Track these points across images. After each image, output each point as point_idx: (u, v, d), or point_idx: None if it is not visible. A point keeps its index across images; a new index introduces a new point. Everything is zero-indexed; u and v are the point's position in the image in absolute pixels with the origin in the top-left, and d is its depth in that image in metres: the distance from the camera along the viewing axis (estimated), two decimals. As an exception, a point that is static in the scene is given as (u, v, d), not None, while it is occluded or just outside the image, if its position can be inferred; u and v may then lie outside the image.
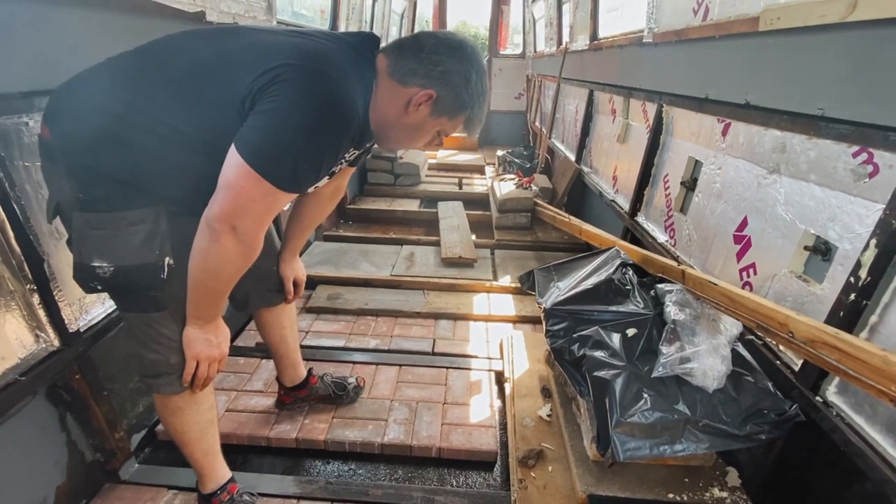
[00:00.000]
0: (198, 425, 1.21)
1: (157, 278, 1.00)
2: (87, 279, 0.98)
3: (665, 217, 2.15)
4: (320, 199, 1.45)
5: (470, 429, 1.71)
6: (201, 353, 1.08)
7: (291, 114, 0.85)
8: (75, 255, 0.98)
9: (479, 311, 2.48)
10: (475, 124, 1.07)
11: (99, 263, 0.95)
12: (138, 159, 0.94)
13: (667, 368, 1.13)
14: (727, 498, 1.28)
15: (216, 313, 1.10)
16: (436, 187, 4.67)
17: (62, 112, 0.94)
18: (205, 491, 1.29)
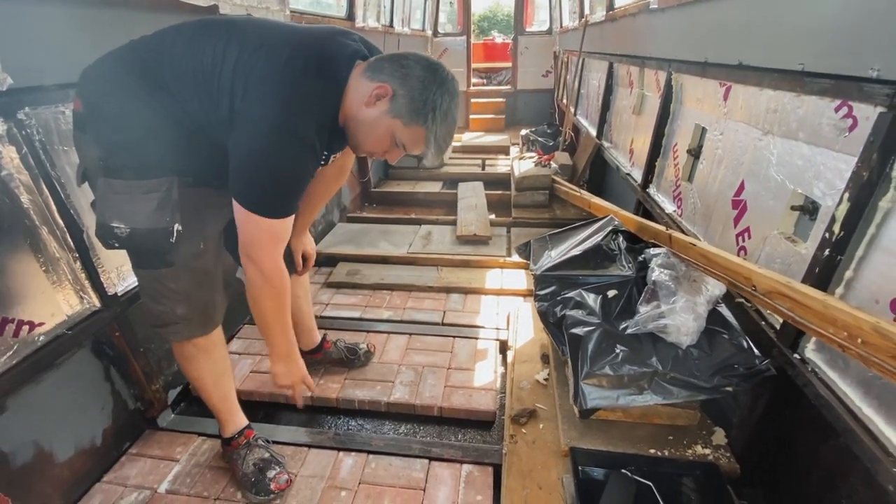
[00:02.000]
0: (211, 373, 1.38)
1: (167, 241, 1.12)
2: (107, 237, 1.11)
3: (674, 187, 2.13)
4: (326, 179, 1.53)
5: (471, 391, 1.81)
6: (285, 383, 1.35)
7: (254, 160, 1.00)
8: (98, 215, 1.11)
9: (490, 286, 2.55)
10: (433, 146, 1.05)
11: (117, 224, 1.08)
12: (153, 134, 1.07)
13: (640, 325, 1.17)
14: (710, 454, 1.31)
15: (287, 349, 1.32)
16: (459, 169, 4.73)
17: (90, 87, 1.08)
18: (225, 435, 1.46)
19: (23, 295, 1.23)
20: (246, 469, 1.41)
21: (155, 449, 1.58)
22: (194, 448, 1.58)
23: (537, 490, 1.31)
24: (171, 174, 1.12)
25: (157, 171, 1.10)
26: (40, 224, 1.27)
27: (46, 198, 1.26)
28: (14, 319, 1.21)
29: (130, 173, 1.07)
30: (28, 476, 1.27)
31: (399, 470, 1.48)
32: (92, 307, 1.41)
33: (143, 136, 1.07)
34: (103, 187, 1.08)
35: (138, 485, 1.44)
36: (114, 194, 1.08)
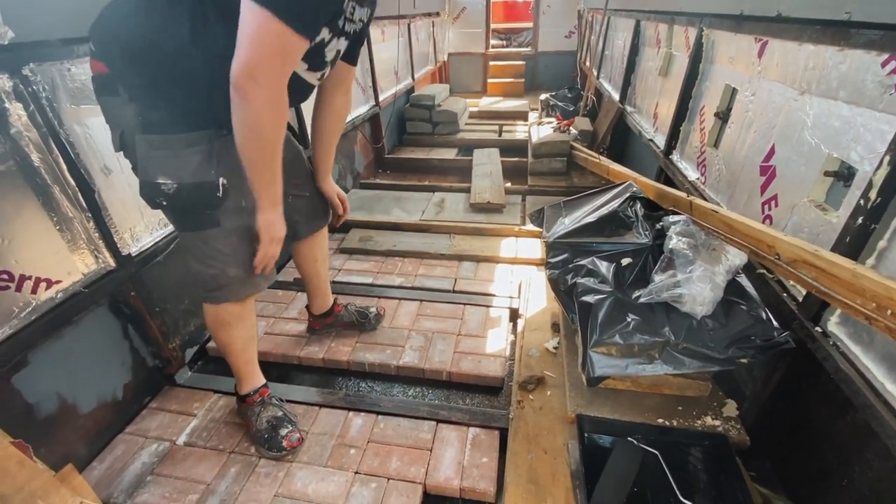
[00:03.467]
0: (242, 339, 1.39)
1: (214, 196, 1.10)
2: (154, 195, 1.09)
3: (698, 153, 2.02)
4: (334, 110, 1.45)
5: (480, 357, 1.81)
6: (276, 235, 1.19)
7: None
8: (141, 174, 1.09)
9: (503, 255, 2.52)
10: None
11: (163, 181, 1.06)
12: (189, 85, 1.02)
13: (653, 294, 1.14)
14: (719, 426, 1.29)
15: (278, 190, 1.14)
16: (475, 135, 4.61)
17: (113, 44, 1.02)
18: (241, 392, 1.50)
19: (39, 253, 1.26)
20: (259, 426, 1.45)
21: (173, 404, 1.64)
22: (210, 404, 1.63)
23: (542, 454, 1.32)
24: (211, 126, 1.08)
25: (197, 124, 1.07)
26: (52, 183, 1.27)
27: (56, 157, 1.26)
28: (32, 277, 1.24)
29: (171, 128, 1.05)
30: (53, 426, 1.33)
31: (407, 430, 1.51)
32: (107, 267, 1.43)
33: (179, 88, 1.02)
34: (144, 146, 1.06)
35: (158, 437, 1.51)
36: (156, 150, 1.06)
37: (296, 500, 1.31)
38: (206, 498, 1.32)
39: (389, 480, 1.36)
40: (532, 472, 1.27)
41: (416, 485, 1.34)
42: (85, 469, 1.40)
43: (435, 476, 1.36)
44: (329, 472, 1.38)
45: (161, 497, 1.32)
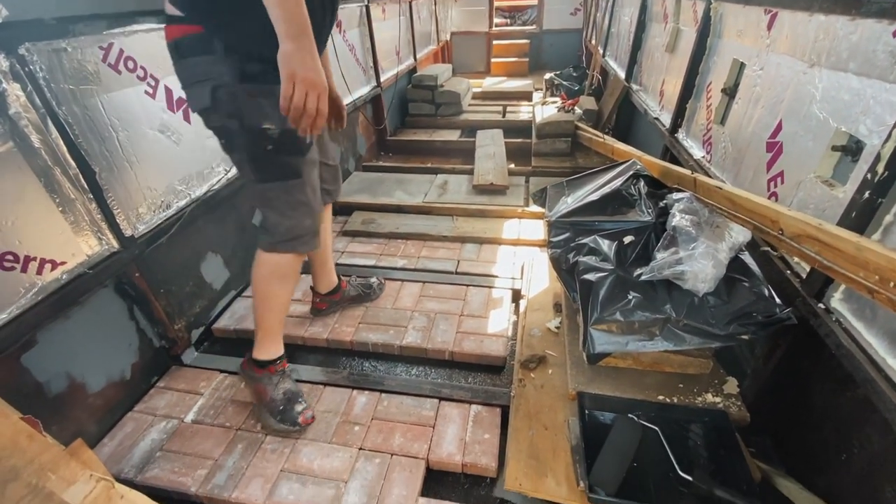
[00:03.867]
0: (288, 295, 1.42)
1: (305, 143, 1.19)
2: (260, 142, 1.14)
3: (704, 131, 1.99)
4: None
5: (482, 337, 1.82)
6: (297, 72, 0.95)
7: None
8: (246, 123, 1.13)
9: (506, 236, 2.51)
10: None
11: (268, 125, 1.12)
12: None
13: (655, 272, 1.13)
14: (720, 403, 1.30)
15: (305, 20, 0.96)
16: (478, 116, 4.55)
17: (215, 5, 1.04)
18: (262, 357, 1.45)
19: (43, 235, 1.26)
20: (276, 395, 1.45)
21: (181, 383, 1.67)
22: (217, 384, 1.66)
23: (543, 430, 1.33)
24: None
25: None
26: (52, 165, 1.27)
27: (56, 138, 1.26)
28: (36, 258, 1.25)
29: (267, 77, 1.07)
30: (64, 404, 1.36)
31: (410, 408, 1.53)
32: (111, 248, 1.44)
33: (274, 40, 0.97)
34: (242, 95, 1.11)
35: (166, 415, 1.54)
36: (259, 99, 1.10)
37: (301, 474, 1.34)
38: (214, 473, 1.35)
39: (393, 456, 1.38)
40: (533, 448, 1.29)
41: (418, 460, 1.37)
42: (96, 446, 1.43)
43: (437, 452, 1.38)
44: (334, 448, 1.41)
45: (170, 472, 1.36)
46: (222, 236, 2.04)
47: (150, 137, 1.58)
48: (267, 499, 1.28)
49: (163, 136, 1.63)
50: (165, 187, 1.66)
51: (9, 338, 1.17)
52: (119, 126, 1.46)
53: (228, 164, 1.94)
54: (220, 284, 2.03)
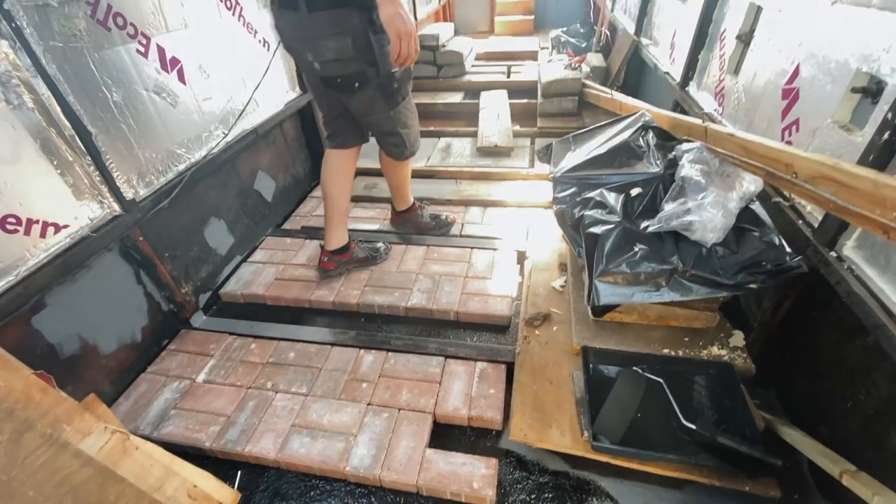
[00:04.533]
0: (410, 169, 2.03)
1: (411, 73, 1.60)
2: (391, 82, 1.50)
3: (717, 83, 1.91)
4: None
5: (487, 298, 1.82)
6: (401, 29, 1.26)
7: None
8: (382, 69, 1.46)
9: (511, 199, 2.47)
10: None
11: (394, 69, 1.47)
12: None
13: (662, 223, 1.10)
14: (725, 355, 1.30)
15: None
16: (482, 77, 4.40)
17: None
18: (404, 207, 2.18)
19: (44, 198, 1.26)
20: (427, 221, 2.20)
21: (191, 346, 1.69)
22: (226, 345, 1.69)
23: (548, 385, 1.35)
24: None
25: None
26: (48, 126, 1.25)
27: (49, 97, 1.23)
28: (39, 221, 1.25)
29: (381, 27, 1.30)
30: (77, 364, 1.39)
31: (416, 366, 1.55)
32: (112, 212, 1.44)
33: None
34: (377, 43, 1.39)
35: (178, 375, 1.57)
36: (385, 48, 1.39)
37: (312, 429, 1.37)
38: (226, 429, 1.39)
39: (400, 411, 1.41)
40: (538, 401, 1.31)
41: (425, 414, 1.39)
42: (112, 405, 1.47)
43: (444, 406, 1.41)
44: (343, 404, 1.44)
45: (185, 428, 1.40)
46: (225, 201, 2.03)
47: (146, 99, 1.55)
48: (279, 452, 1.32)
49: (158, 98, 1.60)
50: (164, 150, 1.64)
51: (17, 300, 1.18)
52: (112, 86, 1.42)
53: (226, 127, 1.91)
54: (224, 250, 2.03)
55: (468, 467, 1.25)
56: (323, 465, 1.28)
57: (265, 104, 2.17)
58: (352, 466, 1.27)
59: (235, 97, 1.97)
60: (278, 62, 2.27)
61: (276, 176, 2.41)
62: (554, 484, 1.24)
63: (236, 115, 1.95)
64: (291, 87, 2.41)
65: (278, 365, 1.60)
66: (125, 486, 0.88)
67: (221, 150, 1.87)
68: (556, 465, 1.28)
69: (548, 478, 1.25)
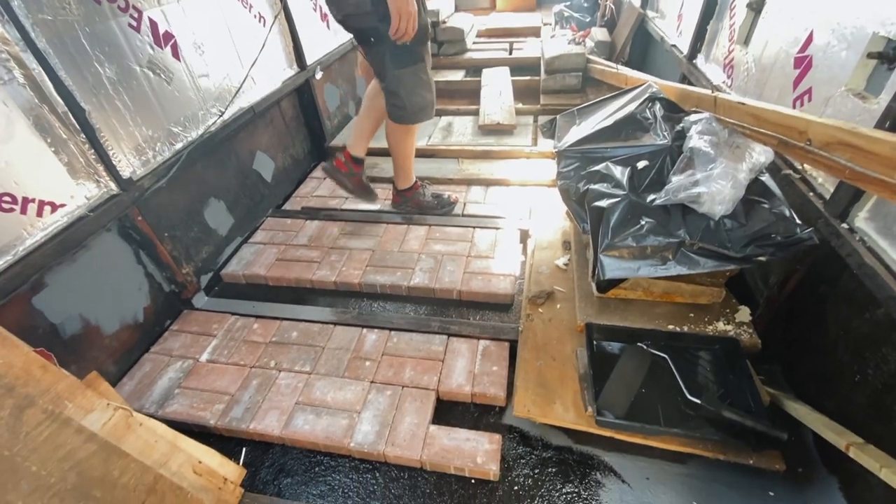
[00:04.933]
0: (414, 143, 2.02)
1: (428, 34, 1.66)
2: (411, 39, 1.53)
3: (726, 54, 1.85)
4: None
5: (490, 277, 1.81)
6: (402, 8, 1.43)
7: None
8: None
9: (513, 177, 2.44)
10: None
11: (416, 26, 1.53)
12: None
13: (669, 195, 1.08)
14: (731, 330, 1.28)
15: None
16: (483, 55, 4.31)
17: None
18: (404, 186, 2.14)
19: (39, 176, 1.24)
20: (428, 199, 2.17)
21: (193, 326, 1.69)
22: (229, 325, 1.68)
23: (551, 361, 1.34)
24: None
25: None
26: (40, 102, 1.23)
27: (40, 73, 1.20)
28: (35, 199, 1.23)
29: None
30: (80, 344, 1.39)
31: (419, 344, 1.55)
32: (109, 191, 1.42)
33: None
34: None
35: (182, 355, 1.58)
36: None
37: (316, 406, 1.38)
38: (231, 407, 1.39)
39: (404, 388, 1.41)
40: (541, 377, 1.30)
41: (429, 391, 1.39)
42: (116, 385, 1.48)
43: (447, 383, 1.41)
44: (346, 382, 1.44)
45: (189, 407, 1.40)
46: (224, 182, 2.00)
47: (139, 75, 1.52)
48: (283, 429, 1.32)
49: (152, 74, 1.56)
50: (160, 129, 1.61)
51: (16, 279, 1.17)
52: (105, 61, 1.39)
53: (223, 105, 1.87)
54: (225, 230, 2.02)
55: (472, 443, 1.25)
56: (327, 442, 1.29)
57: (262, 82, 2.13)
58: (356, 442, 1.28)
59: (232, 74, 1.93)
60: (275, 38, 2.22)
61: (275, 156, 2.37)
62: (557, 459, 1.24)
63: (233, 92, 1.91)
64: (289, 64, 2.36)
65: (281, 344, 1.59)
66: (129, 461, 0.88)
67: (218, 129, 1.83)
68: (560, 440, 1.28)
69: (551, 453, 1.26)
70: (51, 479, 0.77)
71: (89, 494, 0.80)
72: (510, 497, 1.18)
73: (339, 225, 2.18)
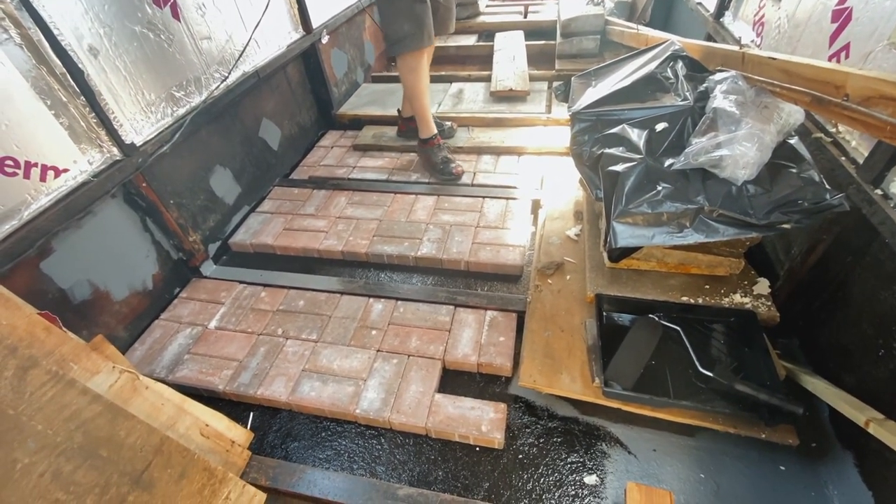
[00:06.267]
0: (423, 83, 2.03)
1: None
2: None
3: (756, 10, 1.73)
4: None
5: (498, 247, 1.77)
6: None
7: None
8: None
9: (526, 145, 2.36)
10: None
11: None
12: None
13: (689, 159, 1.01)
14: (748, 303, 1.23)
15: None
16: (496, 18, 4.14)
17: None
18: (424, 136, 2.16)
19: (40, 140, 1.22)
20: (437, 159, 2.15)
21: (202, 293, 1.70)
22: (237, 293, 1.69)
23: (559, 332, 1.31)
24: None
25: None
26: (38, 64, 1.20)
27: (36, 31, 1.17)
28: (37, 164, 1.22)
29: None
30: (90, 310, 1.41)
31: (426, 314, 1.53)
32: (113, 156, 1.40)
33: None
34: None
35: (191, 322, 1.59)
36: None
37: (322, 374, 1.38)
38: (239, 373, 1.41)
39: (410, 357, 1.40)
40: (548, 348, 1.28)
41: (435, 360, 1.38)
42: (128, 350, 1.50)
43: (453, 353, 1.40)
44: (352, 350, 1.44)
45: (198, 372, 1.42)
46: (229, 149, 1.97)
47: (138, 35, 1.47)
48: (290, 395, 1.33)
49: (151, 35, 1.51)
50: (162, 92, 1.57)
51: (22, 243, 1.17)
52: (101, 22, 1.34)
53: (226, 69, 1.82)
54: (232, 199, 2.00)
55: (477, 411, 1.24)
56: (333, 408, 1.30)
57: (266, 45, 2.06)
58: (362, 409, 1.28)
59: (235, 37, 1.87)
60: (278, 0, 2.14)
61: (282, 123, 2.33)
62: (563, 429, 1.23)
63: (236, 56, 1.86)
64: (294, 28, 2.28)
65: (288, 312, 1.59)
66: (136, 423, 0.89)
67: (222, 94, 1.79)
68: (566, 410, 1.27)
69: (557, 423, 1.25)
70: (57, 437, 0.77)
71: (95, 453, 0.81)
72: (514, 465, 1.17)
73: (347, 194, 2.14)
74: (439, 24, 2.03)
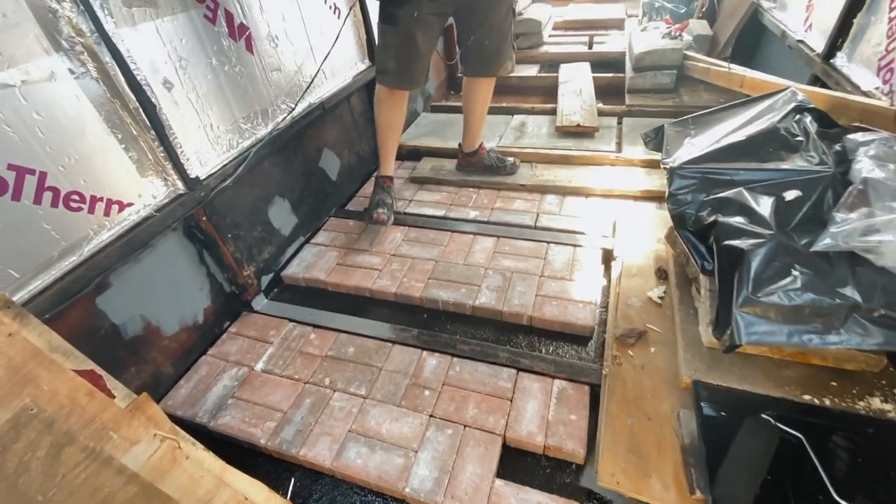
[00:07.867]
0: (385, 121, 1.97)
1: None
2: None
3: (882, 54, 1.51)
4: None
5: (566, 302, 1.60)
6: None
7: None
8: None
9: (595, 186, 2.20)
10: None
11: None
12: None
13: (837, 240, 0.83)
14: (891, 411, 1.00)
15: None
16: (560, 49, 4.03)
17: None
18: (379, 172, 2.09)
19: (107, 174, 1.20)
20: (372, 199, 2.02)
21: (251, 330, 1.64)
22: (286, 332, 1.61)
23: (645, 420, 1.13)
24: None
25: None
26: (112, 97, 1.18)
27: (112, 65, 1.15)
28: (103, 198, 1.19)
29: None
30: (140, 345, 1.36)
31: (485, 377, 1.39)
32: (177, 190, 1.37)
33: None
34: None
35: (238, 361, 1.52)
36: None
37: (370, 438, 1.26)
38: (282, 426, 1.31)
39: (466, 428, 1.25)
40: (633, 440, 1.09)
41: (494, 436, 1.23)
42: (173, 387, 1.45)
43: (516, 429, 1.23)
44: (403, 413, 1.31)
45: (241, 421, 1.33)
46: (289, 180, 1.94)
47: (213, 68, 1.45)
48: (334, 459, 1.22)
49: (226, 68, 1.50)
50: (230, 125, 1.55)
51: (81, 280, 1.14)
52: (177, 55, 1.33)
53: (293, 101, 1.79)
54: (288, 230, 1.96)
55: (545, 509, 1.07)
56: (380, 482, 1.16)
57: (333, 77, 2.04)
58: (412, 488, 1.14)
59: (304, 69, 1.85)
60: (348, 31, 2.12)
61: (341, 153, 2.29)
62: (648, 542, 1.03)
63: (303, 87, 1.83)
64: (361, 59, 2.26)
65: (337, 360, 1.49)
66: (171, 505, 0.79)
67: (287, 126, 1.76)
68: (651, 518, 1.07)
69: (640, 533, 1.05)
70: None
71: (126, 545, 0.72)
72: (589, 583, 0.99)
73: (403, 230, 2.05)
74: (476, 64, 2.00)
